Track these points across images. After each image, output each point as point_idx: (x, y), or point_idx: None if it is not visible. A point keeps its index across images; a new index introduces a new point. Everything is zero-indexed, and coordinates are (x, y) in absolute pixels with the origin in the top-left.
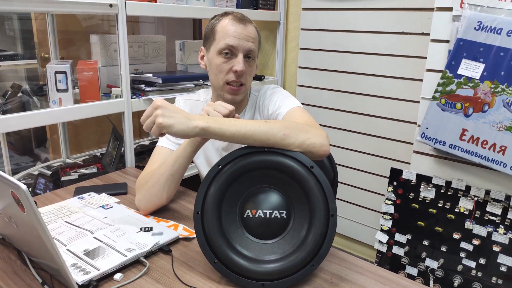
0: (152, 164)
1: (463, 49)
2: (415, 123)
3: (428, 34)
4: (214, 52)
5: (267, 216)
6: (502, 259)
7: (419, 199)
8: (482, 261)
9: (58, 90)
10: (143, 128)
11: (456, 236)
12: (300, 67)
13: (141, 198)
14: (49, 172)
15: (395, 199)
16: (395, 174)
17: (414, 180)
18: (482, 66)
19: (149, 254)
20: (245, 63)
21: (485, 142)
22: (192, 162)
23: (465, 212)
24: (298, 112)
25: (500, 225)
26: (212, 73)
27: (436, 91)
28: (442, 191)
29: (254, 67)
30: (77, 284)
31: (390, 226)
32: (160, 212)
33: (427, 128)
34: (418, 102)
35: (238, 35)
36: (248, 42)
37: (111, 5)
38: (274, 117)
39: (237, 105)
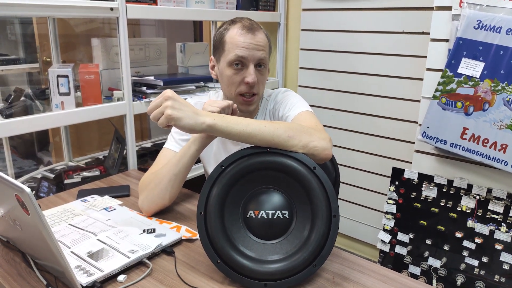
0: (156, 166)
1: (463, 48)
2: (416, 122)
3: (428, 33)
4: (224, 63)
5: (270, 216)
6: (505, 257)
7: (421, 198)
8: (484, 259)
9: (60, 94)
10: (150, 118)
11: (458, 234)
12: (301, 68)
13: (143, 199)
14: (52, 175)
15: (397, 199)
16: (396, 174)
17: (415, 179)
18: (482, 65)
19: (152, 256)
20: (257, 73)
21: (486, 141)
22: (199, 162)
23: (467, 211)
24: (306, 115)
25: (502, 223)
26: (224, 84)
27: (436, 90)
28: (444, 190)
29: (266, 74)
30: (81, 285)
31: (392, 226)
32: (163, 213)
33: (428, 127)
34: (419, 101)
35: (247, 45)
36: (258, 51)
37: (112, 9)
38: (284, 120)
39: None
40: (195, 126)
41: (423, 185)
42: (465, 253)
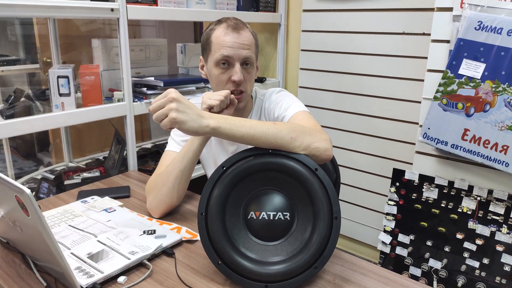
0: (161, 168)
1: (463, 49)
2: (417, 124)
3: (429, 35)
4: (211, 63)
5: (271, 218)
6: (506, 258)
7: (422, 199)
8: (485, 261)
9: (60, 95)
10: (153, 118)
11: (459, 236)
12: (301, 69)
13: (151, 200)
14: (52, 176)
15: (397, 200)
16: (397, 175)
17: (416, 181)
18: (483, 66)
19: (153, 257)
20: (243, 71)
21: (487, 142)
22: (199, 163)
23: (468, 212)
24: (303, 116)
25: (503, 225)
26: (213, 83)
27: (437, 91)
28: (444, 191)
29: (254, 73)
30: (81, 287)
31: (393, 227)
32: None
33: (429, 129)
34: (420, 102)
35: (232, 44)
36: (243, 50)
37: (112, 10)
38: (280, 120)
39: (242, 110)
40: (199, 130)
41: (424, 186)
42: (466, 255)
